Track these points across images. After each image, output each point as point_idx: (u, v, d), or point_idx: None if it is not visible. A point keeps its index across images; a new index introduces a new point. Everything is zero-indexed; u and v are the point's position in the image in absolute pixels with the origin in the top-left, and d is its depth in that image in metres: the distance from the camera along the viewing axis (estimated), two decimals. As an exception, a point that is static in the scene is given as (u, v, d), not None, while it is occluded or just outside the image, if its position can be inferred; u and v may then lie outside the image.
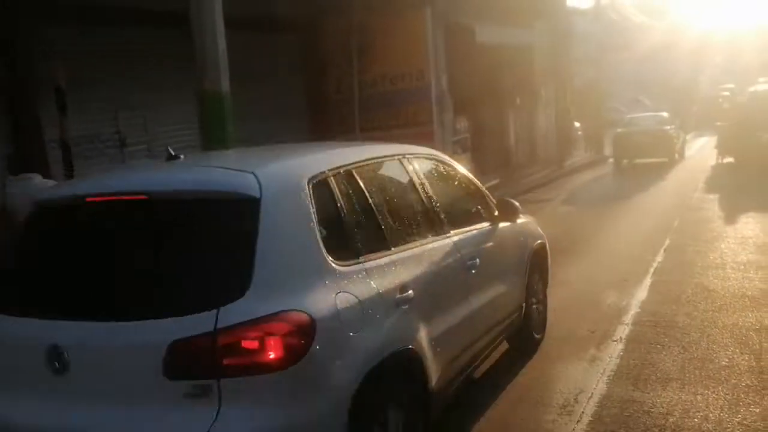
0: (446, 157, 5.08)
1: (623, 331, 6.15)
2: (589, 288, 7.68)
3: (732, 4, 68.46)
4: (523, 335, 5.51)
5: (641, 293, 7.30)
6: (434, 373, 3.55)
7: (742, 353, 5.41)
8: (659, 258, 8.82)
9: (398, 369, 3.22)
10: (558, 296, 6.87)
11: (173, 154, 3.53)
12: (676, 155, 20.61)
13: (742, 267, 8.09)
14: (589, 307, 6.97)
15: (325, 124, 15.90)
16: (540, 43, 19.47)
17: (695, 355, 5.44)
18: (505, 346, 5.47)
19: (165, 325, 2.63)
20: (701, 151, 23.26)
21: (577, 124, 30.60)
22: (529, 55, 18.67)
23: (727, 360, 5.29)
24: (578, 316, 6.69)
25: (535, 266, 5.63)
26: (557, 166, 20.06)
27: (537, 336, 5.75)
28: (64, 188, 4.01)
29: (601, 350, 5.72)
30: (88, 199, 3.17)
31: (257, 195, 2.89)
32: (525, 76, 19.05)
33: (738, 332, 5.90)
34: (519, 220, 5.36)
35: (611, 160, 20.96)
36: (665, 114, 21.02)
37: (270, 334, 2.61)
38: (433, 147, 14.61)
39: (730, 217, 11.29)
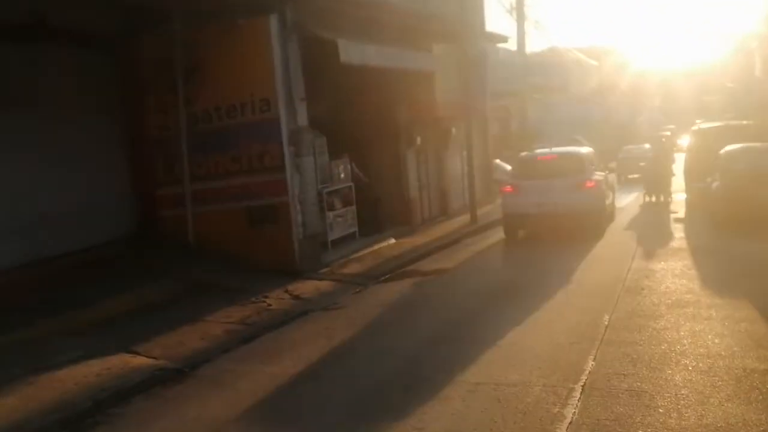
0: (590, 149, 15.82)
1: None
2: None
3: (666, 48, 67.80)
4: (609, 216, 14.93)
5: None
6: (610, 208, 15.41)
7: None
8: (570, 415, 4.97)
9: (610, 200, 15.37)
10: None
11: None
12: None
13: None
14: None
15: (147, 170, 11.88)
16: (446, 73, 15.90)
17: None
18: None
19: (574, 178, 13.23)
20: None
21: (508, 168, 27.38)
22: (429, 86, 15.06)
23: None
24: None
25: (612, 191, 16.14)
26: (471, 221, 16.37)
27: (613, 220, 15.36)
28: (528, 154, 15.09)
29: None
30: (539, 158, 14.42)
31: (585, 152, 14.72)
32: (427, 110, 15.41)
33: None
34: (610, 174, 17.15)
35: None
36: (648, 146, 27.69)
37: (590, 180, 13.44)
38: (288, 201, 10.77)
39: (685, 313, 7.57)
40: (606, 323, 7.24)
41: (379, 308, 9.00)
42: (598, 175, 14.04)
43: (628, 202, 19.39)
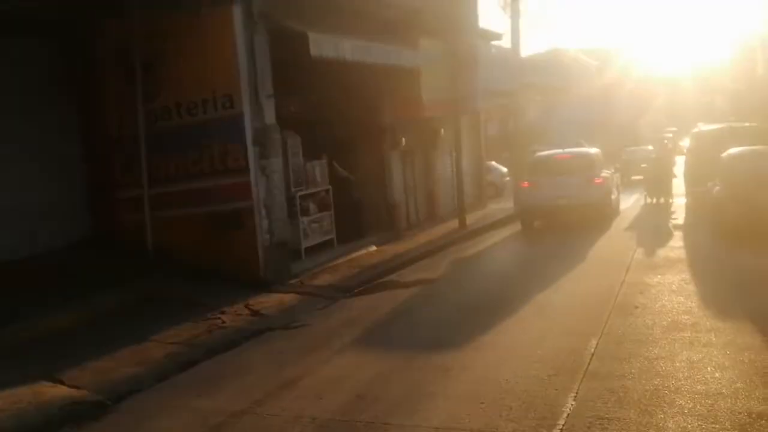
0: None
1: None
2: None
3: (670, 50, 66.96)
4: (615, 210, 16.26)
5: None
6: (616, 202, 16.64)
7: None
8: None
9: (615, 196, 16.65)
10: None
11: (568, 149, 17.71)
12: None
13: None
14: None
15: (104, 171, 11.04)
16: (435, 70, 15.00)
17: None
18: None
19: (585, 174, 14.97)
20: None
21: (504, 170, 26.48)
22: (415, 83, 14.18)
23: None
24: None
25: (617, 188, 17.25)
26: (460, 227, 15.52)
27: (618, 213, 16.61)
28: (543, 154, 16.74)
29: None
30: (554, 157, 16.25)
31: (594, 153, 16.49)
32: (412, 109, 14.54)
33: None
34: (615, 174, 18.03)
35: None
36: (650, 147, 27.99)
37: (599, 177, 15.10)
38: (253, 205, 9.91)
39: (682, 338, 6.70)
40: (592, 350, 6.38)
41: (344, 327, 8.12)
42: (606, 173, 15.77)
43: (629, 204, 18.52)
